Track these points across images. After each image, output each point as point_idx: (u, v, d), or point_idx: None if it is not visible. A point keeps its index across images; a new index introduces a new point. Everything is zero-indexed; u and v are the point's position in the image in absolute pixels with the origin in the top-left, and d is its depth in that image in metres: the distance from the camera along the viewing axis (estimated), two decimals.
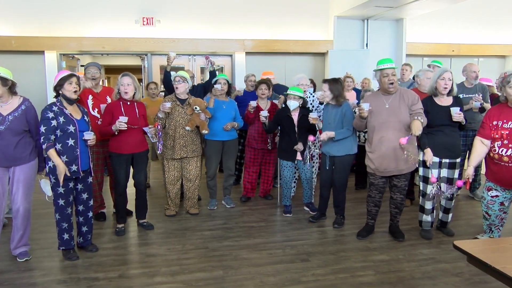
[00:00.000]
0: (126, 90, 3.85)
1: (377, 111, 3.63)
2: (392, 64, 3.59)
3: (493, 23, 9.04)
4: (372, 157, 3.70)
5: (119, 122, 3.67)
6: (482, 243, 2.21)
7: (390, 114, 3.58)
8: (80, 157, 3.33)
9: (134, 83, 3.90)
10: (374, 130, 3.66)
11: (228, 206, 4.85)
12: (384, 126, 3.59)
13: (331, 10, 8.17)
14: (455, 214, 4.47)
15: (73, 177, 3.33)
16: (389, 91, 3.61)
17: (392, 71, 3.57)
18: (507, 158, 3.10)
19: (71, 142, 3.28)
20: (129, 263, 3.42)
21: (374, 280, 3.08)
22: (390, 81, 3.57)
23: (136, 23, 7.52)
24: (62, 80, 3.30)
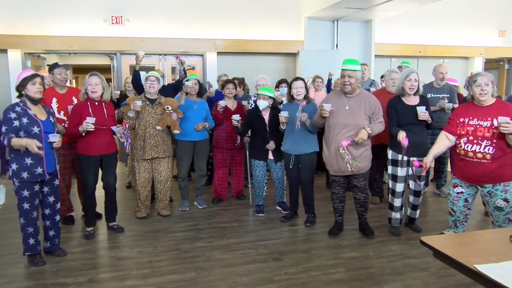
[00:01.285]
0: (94, 90, 3.77)
1: (337, 111, 3.70)
2: (353, 65, 3.65)
3: (458, 26, 9.35)
4: (328, 156, 3.78)
5: (86, 123, 3.59)
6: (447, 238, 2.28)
7: (349, 116, 3.66)
8: (45, 159, 3.23)
9: (102, 82, 3.82)
10: (330, 129, 3.73)
11: (200, 207, 4.82)
12: (342, 127, 3.66)
13: (302, 11, 8.24)
14: (423, 211, 4.59)
15: (39, 180, 3.23)
16: (344, 91, 3.70)
17: (348, 73, 3.64)
18: (472, 153, 3.21)
19: None
20: (99, 267, 3.34)
21: (345, 277, 3.13)
22: (345, 82, 3.66)
23: (105, 22, 7.36)
24: (25, 80, 3.19)
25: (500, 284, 1.56)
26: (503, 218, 3.25)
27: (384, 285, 3.01)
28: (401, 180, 3.89)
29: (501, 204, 3.21)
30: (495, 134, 3.10)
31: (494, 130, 3.10)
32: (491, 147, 3.13)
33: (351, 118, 3.65)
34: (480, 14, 9.46)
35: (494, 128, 3.09)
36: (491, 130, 3.12)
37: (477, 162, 3.19)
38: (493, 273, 1.63)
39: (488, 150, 3.14)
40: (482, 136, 3.16)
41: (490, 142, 3.13)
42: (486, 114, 3.17)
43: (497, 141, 3.11)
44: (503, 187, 3.18)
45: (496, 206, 3.24)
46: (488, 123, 3.14)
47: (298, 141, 4.08)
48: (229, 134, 4.82)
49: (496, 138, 3.11)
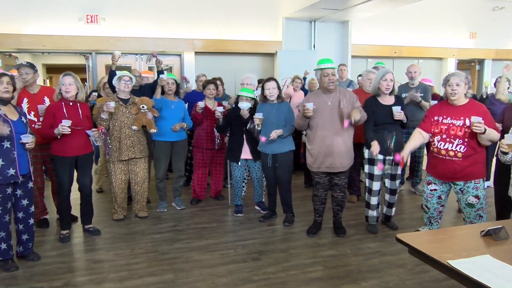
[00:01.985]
0: (67, 90, 3.69)
1: (320, 109, 3.73)
2: (332, 64, 3.73)
3: (431, 28, 9.57)
4: (314, 155, 3.80)
5: (62, 126, 3.50)
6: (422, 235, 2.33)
7: (332, 113, 3.70)
8: (18, 160, 3.14)
9: (76, 82, 3.75)
10: (317, 128, 3.76)
11: (178, 208, 4.78)
12: (326, 125, 3.70)
13: (279, 11, 8.27)
14: (399, 209, 4.69)
15: (11, 181, 3.14)
16: (329, 89, 3.74)
17: (332, 71, 3.71)
18: (445, 151, 3.30)
19: (6, 144, 3.09)
20: (75, 271, 3.28)
21: (323, 275, 3.16)
22: (330, 80, 3.70)
23: (80, 21, 7.21)
24: None
25: (470, 278, 1.61)
26: (474, 215, 3.34)
27: (361, 282, 3.05)
28: (377, 179, 3.95)
29: (472, 201, 3.30)
30: (467, 133, 3.20)
31: (466, 129, 3.18)
32: (463, 146, 3.22)
33: (334, 115, 3.70)
34: (452, 16, 9.71)
35: (466, 127, 3.18)
36: (463, 129, 3.21)
37: (449, 160, 3.28)
38: (464, 267, 1.68)
39: (459, 149, 3.23)
40: (454, 135, 3.25)
41: (462, 141, 3.22)
42: (459, 114, 3.26)
43: (469, 140, 3.21)
44: (474, 185, 3.28)
45: (467, 203, 3.33)
46: (461, 122, 3.23)
47: (274, 140, 4.10)
48: (209, 134, 4.80)
49: (468, 137, 3.20)
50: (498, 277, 1.59)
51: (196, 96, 5.40)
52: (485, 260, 1.75)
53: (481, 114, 3.18)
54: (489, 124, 3.15)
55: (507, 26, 10.09)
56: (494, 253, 1.82)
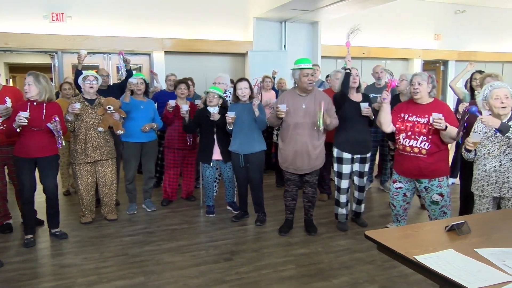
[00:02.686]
0: (26, 90, 3.60)
1: (294, 110, 3.75)
2: (310, 64, 3.75)
3: (399, 29, 9.83)
4: (285, 154, 3.83)
5: (18, 117, 3.39)
6: (389, 231, 2.39)
7: (306, 114, 3.73)
8: None
9: (36, 83, 3.62)
10: (289, 128, 3.78)
11: (149, 209, 4.71)
12: (300, 126, 3.73)
13: (250, 12, 8.28)
14: (368, 206, 4.78)
15: None
16: (308, 89, 3.76)
17: (311, 71, 3.73)
18: (409, 148, 3.42)
19: None
20: (41, 277, 3.17)
21: (295, 274, 3.19)
22: (309, 81, 3.71)
23: (45, 19, 6.99)
24: None
25: (435, 272, 1.66)
26: (439, 212, 3.46)
27: (332, 279, 3.10)
28: (346, 177, 4.02)
29: (437, 199, 3.41)
30: (430, 131, 3.31)
31: (430, 127, 3.29)
32: (427, 143, 3.34)
33: (309, 117, 3.72)
34: (418, 18, 10.01)
35: (430, 124, 3.29)
36: (427, 126, 3.32)
37: (414, 157, 3.39)
38: (430, 262, 1.73)
39: (424, 146, 3.34)
40: (419, 132, 3.36)
41: (426, 138, 3.34)
42: (424, 112, 3.38)
43: (432, 137, 3.32)
44: (438, 182, 3.39)
45: (432, 200, 3.44)
46: (425, 120, 3.35)
47: (246, 140, 4.11)
48: (181, 134, 4.75)
49: (432, 134, 3.32)
50: (460, 270, 1.65)
51: (166, 96, 5.33)
52: (448, 254, 1.81)
53: (445, 112, 3.29)
54: (452, 122, 3.27)
55: (469, 28, 10.49)
56: (457, 247, 1.89)
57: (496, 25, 10.88)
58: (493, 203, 3.08)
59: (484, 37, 10.79)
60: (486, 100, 2.97)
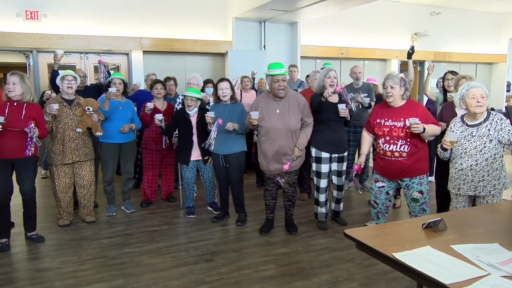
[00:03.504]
0: (10, 89, 3.52)
1: (268, 115, 3.76)
2: (282, 69, 3.71)
3: (376, 30, 9.98)
4: (263, 156, 3.87)
5: None
6: (368, 230, 2.42)
7: (280, 119, 3.74)
8: None
9: (21, 82, 3.57)
10: (263, 133, 3.81)
11: (128, 211, 4.65)
12: (274, 130, 3.75)
13: (229, 11, 8.27)
14: (348, 205, 4.84)
15: None
16: (279, 96, 3.76)
17: (282, 77, 3.70)
18: (390, 153, 3.47)
19: None
20: (16, 281, 3.09)
21: (276, 273, 3.20)
22: (280, 87, 3.70)
23: (18, 17, 6.81)
24: None
25: (413, 269, 1.69)
26: (419, 209, 3.53)
27: (313, 278, 3.12)
28: (324, 176, 4.05)
29: (417, 196, 3.49)
30: (408, 134, 3.37)
31: (407, 130, 3.36)
32: (406, 146, 3.41)
33: (282, 121, 3.73)
34: (394, 20, 10.18)
35: (407, 128, 3.35)
36: (404, 130, 3.39)
37: (395, 161, 3.46)
38: (408, 259, 1.76)
39: (404, 149, 3.41)
40: (397, 136, 3.43)
41: (404, 141, 3.41)
42: (399, 115, 3.45)
43: (411, 139, 3.40)
44: (418, 180, 3.47)
45: (412, 198, 3.51)
46: (401, 124, 3.41)
47: (225, 141, 4.10)
48: (158, 136, 4.71)
49: (410, 137, 3.39)
50: (437, 266, 1.69)
51: (145, 96, 5.28)
52: (426, 251, 1.85)
53: (420, 113, 3.37)
54: (429, 120, 3.35)
55: (444, 30, 10.73)
56: (434, 244, 1.93)
57: (470, 27, 11.17)
58: (469, 201, 3.17)
59: (459, 38, 11.06)
60: (463, 99, 3.06)
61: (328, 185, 4.12)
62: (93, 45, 7.21)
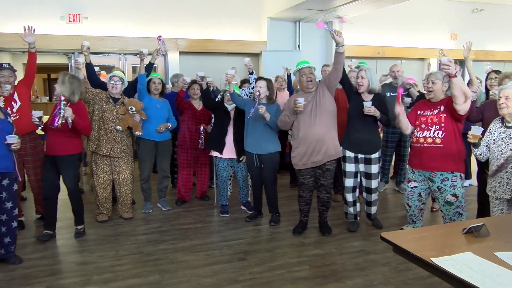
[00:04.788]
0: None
1: (306, 106, 3.75)
2: (308, 64, 3.79)
3: (415, 29, 9.72)
4: (299, 153, 3.81)
5: (32, 117, 3.48)
6: (405, 233, 2.36)
7: (314, 106, 3.74)
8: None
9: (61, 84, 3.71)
10: (300, 126, 3.79)
11: (163, 209, 4.75)
12: (311, 120, 3.73)
13: (264, 12, 8.28)
14: (384, 207, 4.74)
15: None
16: (308, 88, 3.78)
17: (309, 70, 3.77)
18: (423, 139, 3.44)
19: None
20: (58, 273, 3.22)
21: (309, 275, 3.17)
22: (308, 79, 3.75)
23: (61, 20, 7.10)
24: None
25: (453, 275, 1.63)
26: (453, 212, 3.41)
27: (346, 281, 3.07)
28: (349, 176, 3.97)
29: (451, 199, 3.37)
30: (442, 118, 3.34)
31: (442, 114, 3.34)
32: (440, 131, 3.35)
33: (318, 108, 3.72)
34: (434, 17, 9.88)
35: (442, 112, 3.34)
36: (439, 115, 3.36)
37: (427, 147, 3.40)
38: (447, 265, 1.70)
39: (437, 134, 3.36)
40: (431, 122, 3.40)
41: (438, 127, 3.36)
42: (435, 106, 3.45)
43: (445, 124, 3.34)
44: (451, 183, 3.35)
45: (446, 201, 3.40)
46: (437, 111, 3.39)
47: (259, 140, 4.11)
48: (194, 134, 4.78)
49: (444, 121, 3.33)
50: (479, 273, 1.62)
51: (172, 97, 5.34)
52: (467, 257, 1.78)
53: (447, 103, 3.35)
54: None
55: (486, 28, 10.31)
56: (475, 250, 1.85)
57: None
58: (508, 205, 3.04)
59: (503, 36, 10.58)
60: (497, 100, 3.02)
61: (355, 185, 4.03)
62: (130, 46, 7.41)
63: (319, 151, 3.74)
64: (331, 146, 3.76)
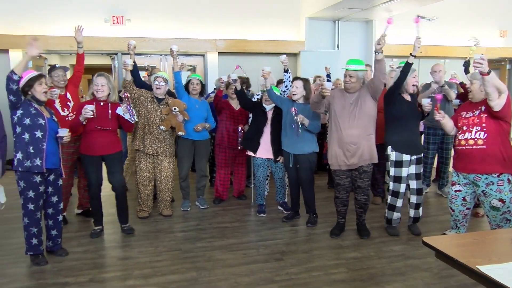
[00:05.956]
0: (99, 90, 3.79)
1: (342, 106, 3.73)
2: (354, 65, 3.72)
3: (459, 26, 9.35)
4: (335, 153, 3.78)
5: (84, 110, 3.57)
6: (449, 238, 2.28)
7: (354, 108, 3.69)
8: (46, 153, 3.22)
9: (109, 83, 3.84)
10: (338, 126, 3.74)
11: (201, 207, 4.82)
12: (348, 122, 3.69)
13: (302, 11, 8.23)
14: (425, 212, 4.58)
15: (35, 171, 3.19)
16: (347, 90, 3.77)
17: (350, 73, 3.71)
18: (465, 141, 3.33)
19: (38, 134, 3.19)
20: (100, 267, 3.34)
21: (347, 277, 3.13)
22: (346, 82, 3.76)
23: (106, 22, 7.37)
24: (31, 80, 3.21)
25: (502, 285, 1.56)
26: (500, 218, 3.25)
27: (385, 285, 3.00)
28: (404, 181, 3.86)
29: (497, 204, 3.22)
30: (483, 118, 3.23)
31: (483, 115, 3.24)
32: (482, 132, 3.24)
33: (358, 108, 3.69)
34: (481, 14, 9.46)
35: (483, 112, 3.24)
36: (480, 116, 3.26)
37: (469, 149, 3.29)
38: (495, 274, 1.63)
39: (479, 135, 3.25)
40: (472, 124, 3.30)
41: (479, 127, 3.25)
42: (476, 106, 3.35)
43: (487, 125, 3.22)
44: (497, 187, 3.21)
45: (492, 206, 3.25)
46: (478, 112, 3.29)
47: (296, 141, 4.09)
48: (231, 134, 4.83)
49: (485, 122, 3.22)
50: None
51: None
52: None
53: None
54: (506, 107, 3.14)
55: None
56: None
57: None
58: None
59: None
60: None
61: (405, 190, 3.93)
62: None
63: (353, 154, 3.69)
64: (366, 150, 3.70)
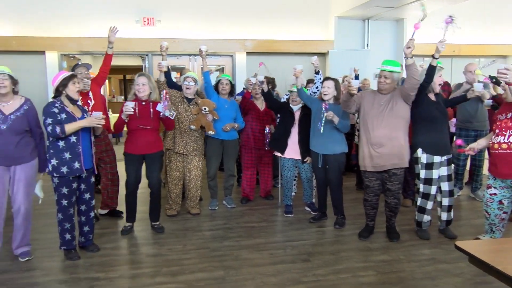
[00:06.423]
0: (140, 89, 3.88)
1: (374, 106, 3.68)
2: (390, 66, 3.68)
3: (493, 23, 9.03)
4: (365, 154, 3.73)
5: (125, 107, 3.66)
6: (483, 243, 2.21)
7: (384, 108, 3.64)
8: (82, 154, 3.33)
9: (149, 83, 3.92)
10: (369, 127, 3.69)
11: (229, 206, 4.85)
12: (377, 122, 3.63)
13: (331, 10, 8.15)
14: (458, 215, 4.46)
15: (77, 174, 3.32)
16: (380, 91, 3.72)
17: (384, 74, 3.66)
18: (497, 145, 3.23)
19: (73, 139, 3.29)
20: (130, 263, 3.42)
21: (375, 280, 3.08)
22: (379, 83, 3.70)
23: (137, 23, 7.52)
24: (66, 80, 3.31)
25: None
26: None
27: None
28: (435, 183, 3.77)
29: None
30: None
31: None
32: None
33: (390, 110, 3.63)
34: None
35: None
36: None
37: (503, 153, 3.19)
38: None
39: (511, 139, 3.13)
40: (505, 127, 3.18)
41: None
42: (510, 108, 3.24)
43: None
44: None
45: None
46: (510, 114, 3.18)
47: (325, 141, 4.05)
48: (257, 134, 4.84)
49: None
50: None
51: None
52: None
53: None
54: None
55: None
56: None
57: None
58: None
59: None
60: None
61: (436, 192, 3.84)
62: None
63: (381, 155, 3.63)
64: (395, 152, 3.62)
